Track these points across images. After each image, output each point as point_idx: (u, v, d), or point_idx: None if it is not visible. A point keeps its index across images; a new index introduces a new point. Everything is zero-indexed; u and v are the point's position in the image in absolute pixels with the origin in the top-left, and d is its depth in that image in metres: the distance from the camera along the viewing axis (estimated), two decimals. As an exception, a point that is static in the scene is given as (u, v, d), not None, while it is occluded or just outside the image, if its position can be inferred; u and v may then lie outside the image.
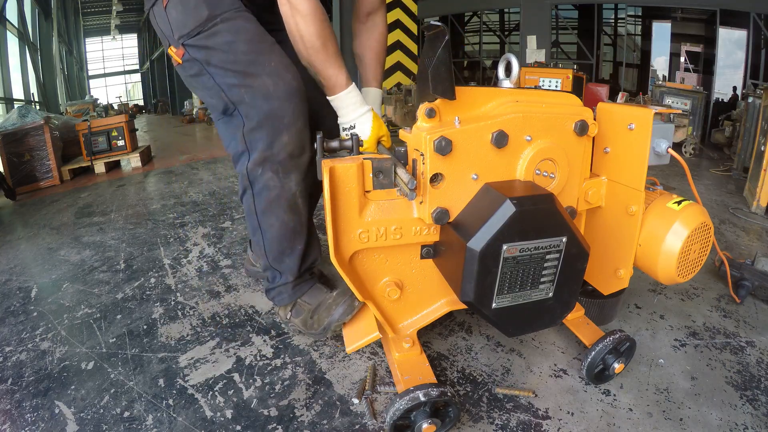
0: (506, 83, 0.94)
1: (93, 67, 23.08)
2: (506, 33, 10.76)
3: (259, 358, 1.19)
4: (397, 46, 6.72)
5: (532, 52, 8.04)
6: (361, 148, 1.00)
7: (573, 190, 0.96)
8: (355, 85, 1.07)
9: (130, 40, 23.45)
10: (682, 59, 7.48)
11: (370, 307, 0.98)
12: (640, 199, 0.93)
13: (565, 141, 0.90)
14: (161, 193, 3.00)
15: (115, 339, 1.30)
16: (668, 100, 4.46)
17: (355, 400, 1.03)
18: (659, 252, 0.93)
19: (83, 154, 3.84)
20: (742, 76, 6.52)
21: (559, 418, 0.97)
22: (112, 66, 25.08)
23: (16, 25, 8.77)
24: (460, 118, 0.85)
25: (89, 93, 16.91)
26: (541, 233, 0.80)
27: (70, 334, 1.34)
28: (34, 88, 9.32)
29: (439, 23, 0.79)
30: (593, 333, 1.10)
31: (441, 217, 0.87)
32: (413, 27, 6.81)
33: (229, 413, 1.01)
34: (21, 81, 8.92)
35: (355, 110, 1.06)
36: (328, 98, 1.07)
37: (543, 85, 5.04)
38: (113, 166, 4.01)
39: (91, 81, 22.03)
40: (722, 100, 6.63)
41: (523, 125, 0.86)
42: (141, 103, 20.58)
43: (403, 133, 0.93)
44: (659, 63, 7.93)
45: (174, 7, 1.03)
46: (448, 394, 0.87)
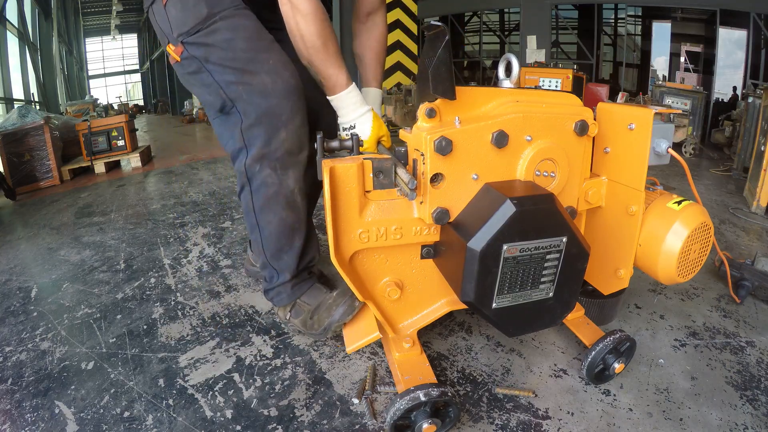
0: (506, 83, 0.94)
1: (93, 67, 23.12)
2: (506, 33, 10.77)
3: (259, 358, 1.19)
4: (397, 46, 6.72)
5: (532, 52, 8.04)
6: (361, 148, 1.00)
7: (573, 190, 0.96)
8: (356, 85, 1.07)
9: (130, 40, 23.46)
10: (682, 59, 7.48)
11: (370, 307, 0.98)
12: (641, 199, 0.93)
13: (565, 141, 0.90)
14: (161, 193, 3.00)
15: (115, 339, 1.30)
16: (668, 100, 4.46)
17: (355, 400, 1.03)
18: (659, 252, 0.93)
19: (83, 154, 3.84)
20: (742, 76, 6.52)
21: (559, 418, 0.97)
22: (112, 66, 25.09)
23: (16, 25, 8.77)
24: (460, 118, 0.85)
25: (89, 93, 16.91)
26: (542, 233, 0.80)
27: (70, 334, 1.34)
28: (34, 88, 9.33)
29: (439, 23, 0.79)
30: (593, 333, 1.10)
31: (441, 217, 0.87)
32: (413, 27, 6.81)
33: (229, 413, 1.01)
34: (21, 81, 8.93)
35: (356, 110, 1.06)
36: (328, 98, 1.07)
37: (543, 85, 5.04)
38: (113, 166, 4.01)
39: (91, 81, 22.04)
40: (722, 100, 6.63)
41: (524, 125, 0.86)
42: (141, 103, 20.59)
43: (403, 133, 0.93)
44: (659, 63, 7.93)
45: (173, 6, 1.03)
46: (449, 394, 0.87)
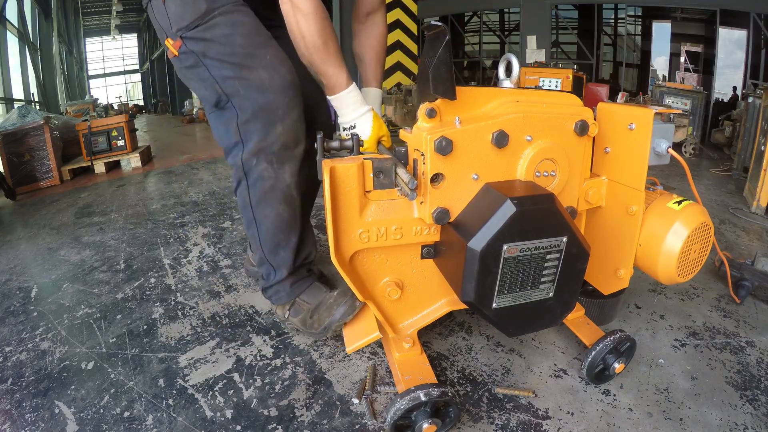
0: (506, 83, 0.94)
1: (93, 67, 23.10)
2: (506, 33, 10.77)
3: (259, 358, 1.19)
4: (397, 46, 6.71)
5: (532, 52, 8.04)
6: (361, 148, 1.00)
7: (573, 190, 0.96)
8: (356, 85, 1.07)
9: (130, 40, 23.46)
10: (682, 59, 7.48)
11: (370, 307, 0.98)
12: (641, 199, 0.93)
13: (565, 141, 0.90)
14: (161, 193, 3.00)
15: (115, 339, 1.30)
16: (668, 100, 4.46)
17: (355, 400, 1.03)
18: (659, 252, 0.93)
19: (83, 154, 3.84)
20: (742, 76, 6.52)
21: (559, 418, 0.97)
22: (112, 66, 25.09)
23: (16, 25, 8.77)
24: (460, 118, 0.85)
25: (89, 93, 16.90)
26: (542, 233, 0.80)
27: (70, 334, 1.34)
28: (34, 88, 9.32)
29: (439, 23, 0.79)
30: (593, 333, 1.10)
31: (441, 217, 0.87)
32: (413, 27, 6.81)
33: (229, 413, 1.01)
34: (21, 81, 8.93)
35: (356, 110, 1.06)
36: (329, 98, 1.07)
37: (543, 85, 5.04)
38: (113, 166, 4.01)
39: (91, 81, 22.02)
40: (722, 100, 6.63)
41: (524, 125, 0.86)
42: (141, 103, 20.58)
43: (403, 133, 0.93)
44: (659, 63, 7.93)
45: (173, 1, 1.04)
46: (449, 394, 0.87)
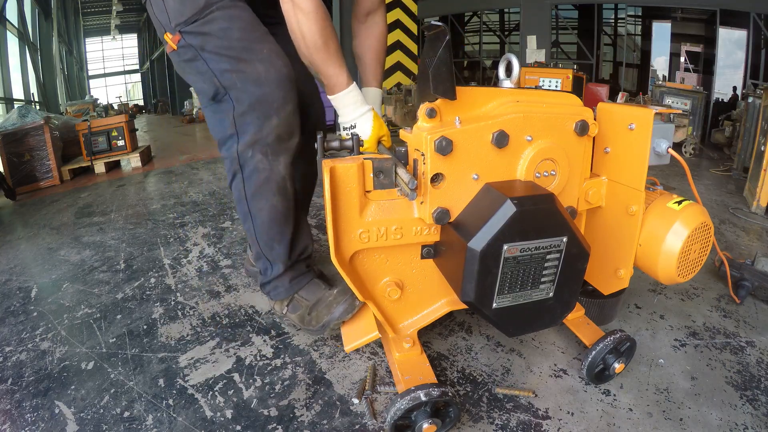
0: (507, 83, 0.94)
1: (93, 67, 23.11)
2: (506, 33, 10.77)
3: (259, 358, 1.19)
4: (397, 46, 6.71)
5: (532, 52, 8.04)
6: (361, 148, 1.00)
7: (573, 190, 0.96)
8: (356, 85, 1.07)
9: (130, 40, 23.46)
10: (682, 59, 7.48)
11: (370, 307, 0.98)
12: (641, 199, 0.93)
13: (565, 141, 0.90)
14: (161, 193, 3.00)
15: (115, 339, 1.30)
16: (668, 100, 4.46)
17: (355, 400, 1.03)
18: (659, 252, 0.93)
19: (83, 154, 3.84)
20: (742, 76, 6.52)
21: (559, 418, 0.97)
22: (112, 66, 25.09)
23: (16, 25, 8.77)
24: (460, 118, 0.85)
25: (89, 93, 16.90)
26: (542, 233, 0.80)
27: (70, 334, 1.34)
28: (34, 88, 9.32)
29: (439, 23, 0.79)
30: (593, 333, 1.10)
31: (442, 217, 0.87)
32: (413, 27, 6.81)
33: (229, 413, 1.01)
34: (21, 81, 8.93)
35: (356, 110, 1.06)
36: (329, 97, 1.07)
37: (543, 85, 5.05)
38: (113, 166, 4.01)
39: (91, 81, 22.03)
40: (722, 100, 6.63)
41: (524, 125, 0.86)
42: (141, 103, 20.58)
43: (403, 133, 0.93)
44: (659, 63, 7.93)
45: None
46: (449, 394, 0.87)
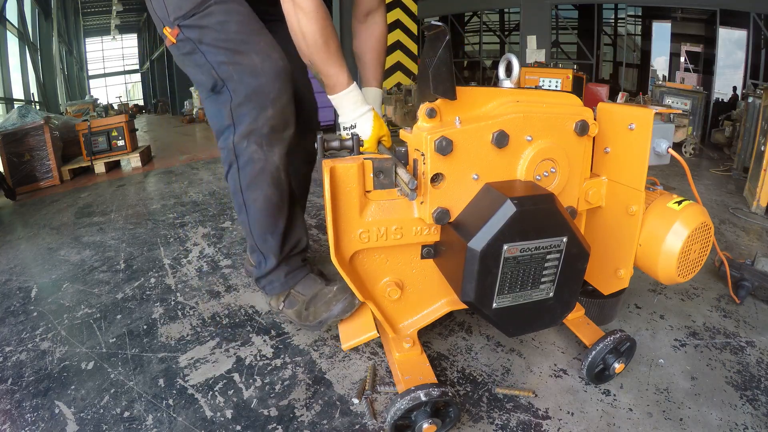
0: (507, 83, 0.94)
1: (93, 67, 23.09)
2: (506, 33, 10.76)
3: (259, 358, 1.19)
4: (397, 46, 6.71)
5: (532, 52, 8.04)
6: (361, 148, 1.00)
7: (573, 190, 0.96)
8: (356, 85, 1.07)
9: (130, 40, 23.44)
10: (682, 59, 7.48)
11: (370, 307, 0.98)
12: (641, 199, 0.93)
13: (565, 141, 0.90)
14: (161, 193, 3.00)
15: (115, 339, 1.30)
16: (668, 100, 4.46)
17: (355, 400, 1.03)
18: (659, 252, 0.93)
19: (83, 154, 3.84)
20: (742, 76, 6.51)
21: (559, 418, 0.97)
22: (112, 66, 25.07)
23: (16, 25, 8.76)
24: (460, 118, 0.85)
25: (89, 93, 16.89)
26: (542, 233, 0.80)
27: (70, 334, 1.34)
28: (34, 88, 9.32)
29: (439, 23, 0.79)
30: (593, 333, 1.10)
31: (442, 217, 0.87)
32: (413, 27, 6.81)
33: (229, 413, 1.01)
34: (21, 81, 8.92)
35: (356, 110, 1.06)
36: (329, 97, 1.07)
37: (543, 85, 5.04)
38: (113, 166, 4.01)
39: (91, 81, 22.01)
40: (722, 100, 6.62)
41: (524, 125, 0.86)
42: (141, 103, 20.56)
43: (403, 133, 0.93)
44: (659, 63, 7.93)
45: None
46: (449, 394, 0.87)
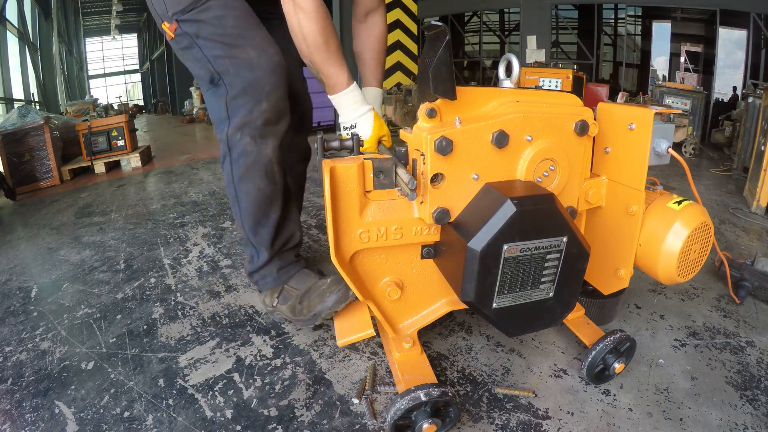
0: (507, 83, 0.94)
1: (93, 67, 23.08)
2: (506, 33, 10.76)
3: (259, 358, 1.19)
4: (397, 46, 6.71)
5: (532, 52, 8.04)
6: (361, 147, 1.00)
7: (573, 190, 0.96)
8: (357, 84, 1.07)
9: (130, 40, 23.44)
10: (682, 59, 7.48)
11: (370, 307, 0.98)
12: (641, 199, 0.93)
13: (565, 141, 0.90)
14: (161, 193, 3.00)
15: (115, 339, 1.30)
16: (668, 100, 4.46)
17: (355, 400, 1.03)
18: (659, 252, 0.93)
19: (83, 154, 3.84)
20: (742, 76, 6.51)
21: (559, 418, 0.97)
22: (112, 66, 25.07)
23: (16, 25, 8.76)
24: (460, 118, 0.85)
25: (89, 93, 16.88)
26: (542, 233, 0.80)
27: (70, 334, 1.34)
28: (34, 88, 9.32)
29: (439, 23, 0.79)
30: (593, 333, 1.10)
31: (442, 217, 0.87)
32: (413, 27, 6.81)
33: (229, 413, 1.01)
34: (21, 81, 8.92)
35: (356, 110, 1.06)
36: (329, 97, 1.07)
37: (543, 85, 5.04)
38: (113, 166, 4.01)
39: (91, 81, 22.00)
40: (722, 100, 6.62)
41: (524, 125, 0.86)
42: (141, 103, 20.55)
43: (403, 133, 0.93)
44: (659, 63, 7.93)
45: None
46: (449, 394, 0.87)
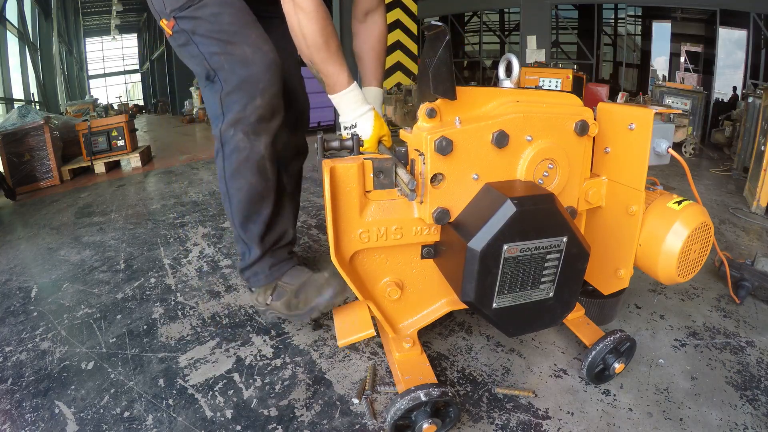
0: (507, 83, 0.94)
1: (93, 67, 23.09)
2: (506, 33, 10.76)
3: (259, 358, 1.19)
4: (397, 46, 6.71)
5: (532, 52, 8.04)
6: (361, 147, 1.00)
7: (573, 190, 0.96)
8: (357, 84, 1.07)
9: (130, 40, 23.45)
10: (682, 59, 7.48)
11: (370, 307, 0.98)
12: (641, 199, 0.93)
13: (565, 141, 0.90)
14: (161, 193, 3.00)
15: (115, 339, 1.30)
16: (668, 100, 4.46)
17: (355, 400, 1.03)
18: (659, 252, 0.93)
19: (83, 154, 3.84)
20: (742, 76, 6.51)
21: (559, 418, 0.97)
22: (112, 66, 25.08)
23: (16, 25, 8.76)
24: (460, 118, 0.85)
25: (89, 93, 16.89)
26: (542, 233, 0.80)
27: (70, 334, 1.34)
28: (34, 88, 9.32)
29: (439, 23, 0.79)
30: (593, 333, 1.10)
31: (442, 217, 0.87)
32: (413, 27, 6.81)
33: (229, 413, 1.01)
34: (21, 81, 8.93)
35: (356, 109, 1.06)
36: (330, 97, 1.07)
37: (543, 85, 5.04)
38: (113, 166, 4.01)
39: (91, 81, 22.01)
40: (722, 100, 6.62)
41: (524, 125, 0.86)
42: (141, 103, 20.56)
43: (403, 133, 0.93)
44: (659, 63, 7.93)
45: None
46: (449, 394, 0.87)
